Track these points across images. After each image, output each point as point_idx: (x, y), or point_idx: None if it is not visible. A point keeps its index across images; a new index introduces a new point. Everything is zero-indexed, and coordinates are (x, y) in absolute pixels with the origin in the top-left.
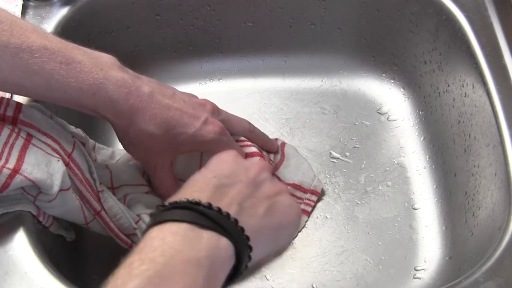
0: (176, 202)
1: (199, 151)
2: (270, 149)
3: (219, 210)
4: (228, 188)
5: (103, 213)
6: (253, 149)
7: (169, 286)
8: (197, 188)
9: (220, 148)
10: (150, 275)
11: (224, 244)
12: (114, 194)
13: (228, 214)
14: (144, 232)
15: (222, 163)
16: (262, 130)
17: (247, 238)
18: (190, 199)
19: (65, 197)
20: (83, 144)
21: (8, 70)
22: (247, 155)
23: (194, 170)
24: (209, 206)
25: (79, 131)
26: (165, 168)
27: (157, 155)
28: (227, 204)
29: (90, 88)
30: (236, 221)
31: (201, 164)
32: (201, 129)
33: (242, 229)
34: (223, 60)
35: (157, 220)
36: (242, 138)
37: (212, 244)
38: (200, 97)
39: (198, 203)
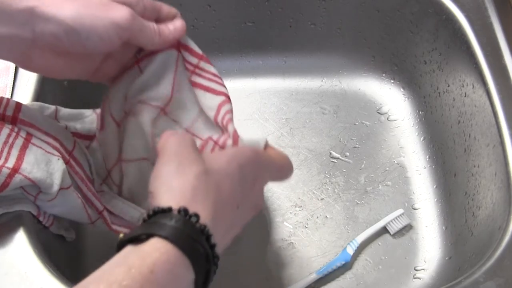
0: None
1: None
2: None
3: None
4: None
5: (105, 213)
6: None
7: None
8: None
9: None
10: None
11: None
12: (110, 177)
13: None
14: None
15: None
16: (262, 130)
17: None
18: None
19: (66, 195)
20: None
21: None
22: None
23: None
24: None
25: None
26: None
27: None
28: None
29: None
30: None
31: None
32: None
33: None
34: (223, 60)
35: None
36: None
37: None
38: None
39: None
